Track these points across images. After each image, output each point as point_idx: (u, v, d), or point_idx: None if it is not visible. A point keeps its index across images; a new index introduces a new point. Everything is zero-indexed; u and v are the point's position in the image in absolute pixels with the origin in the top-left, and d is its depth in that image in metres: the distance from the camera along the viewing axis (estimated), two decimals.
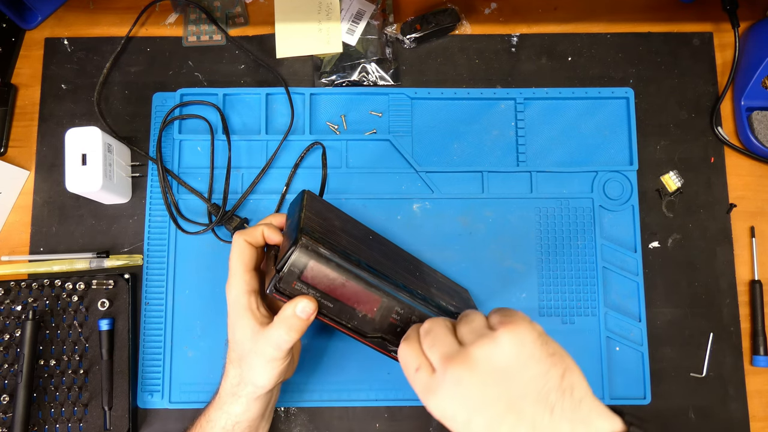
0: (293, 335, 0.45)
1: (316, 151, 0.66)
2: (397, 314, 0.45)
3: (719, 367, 0.64)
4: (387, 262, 0.49)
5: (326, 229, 0.47)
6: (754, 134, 0.67)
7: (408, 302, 0.45)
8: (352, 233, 0.51)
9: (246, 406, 0.49)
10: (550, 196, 0.66)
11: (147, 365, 0.62)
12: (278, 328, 0.45)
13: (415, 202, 0.66)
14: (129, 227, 0.65)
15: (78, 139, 0.59)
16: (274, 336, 0.45)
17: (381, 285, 0.44)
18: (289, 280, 0.43)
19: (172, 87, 0.68)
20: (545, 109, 0.68)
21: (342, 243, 0.46)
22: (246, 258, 0.49)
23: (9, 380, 0.60)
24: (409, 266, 0.54)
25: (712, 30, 0.71)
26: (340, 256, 0.44)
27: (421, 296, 0.46)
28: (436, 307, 0.46)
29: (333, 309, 0.45)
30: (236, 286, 0.48)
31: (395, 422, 0.62)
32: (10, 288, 0.62)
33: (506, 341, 0.36)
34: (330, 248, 0.44)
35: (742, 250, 0.66)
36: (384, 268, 0.47)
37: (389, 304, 0.45)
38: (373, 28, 0.69)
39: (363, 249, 0.48)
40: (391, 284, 0.45)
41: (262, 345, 0.46)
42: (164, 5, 0.71)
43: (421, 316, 0.45)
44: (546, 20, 0.71)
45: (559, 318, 0.64)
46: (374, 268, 0.45)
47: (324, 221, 0.49)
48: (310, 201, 0.51)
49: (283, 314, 0.45)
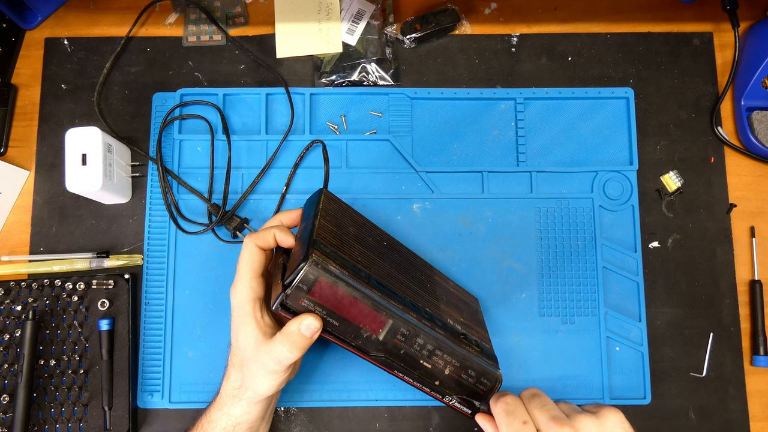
0: (296, 353, 0.45)
1: (316, 150, 0.66)
2: (402, 335, 0.44)
3: (719, 367, 0.64)
4: (399, 275, 0.49)
5: (340, 239, 0.46)
6: (754, 134, 0.67)
7: (414, 323, 0.44)
8: (366, 241, 0.50)
9: (246, 409, 0.50)
10: (550, 196, 0.66)
11: (147, 365, 0.62)
12: (281, 344, 0.45)
13: (415, 202, 0.66)
14: (129, 227, 0.65)
15: (78, 139, 0.59)
16: (276, 351, 0.45)
17: (389, 306, 0.44)
18: (297, 297, 0.42)
19: (172, 87, 0.68)
20: (545, 109, 0.68)
21: (354, 255, 0.46)
22: (255, 263, 0.48)
23: (9, 380, 0.60)
24: (421, 276, 0.53)
25: (712, 30, 0.71)
26: (350, 273, 0.43)
27: (428, 316, 0.46)
28: (442, 328, 0.46)
29: (338, 327, 0.44)
30: (242, 291, 0.48)
31: (395, 422, 0.62)
32: (10, 288, 0.62)
33: (611, 418, 0.44)
34: (341, 264, 0.43)
35: (742, 250, 0.66)
36: (395, 284, 0.46)
37: (395, 325, 0.44)
38: (373, 28, 0.69)
39: (375, 260, 0.48)
40: (400, 304, 0.44)
41: (264, 357, 0.46)
42: (164, 5, 0.71)
43: (426, 338, 0.45)
44: (546, 20, 0.71)
45: (559, 318, 0.64)
46: (385, 285, 0.45)
47: (338, 228, 0.48)
48: (327, 203, 0.50)
49: (287, 330, 0.44)
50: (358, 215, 0.55)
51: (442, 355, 0.46)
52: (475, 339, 0.49)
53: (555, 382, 0.62)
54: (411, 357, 0.46)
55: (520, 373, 0.62)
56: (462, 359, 0.46)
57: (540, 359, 0.63)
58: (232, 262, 0.64)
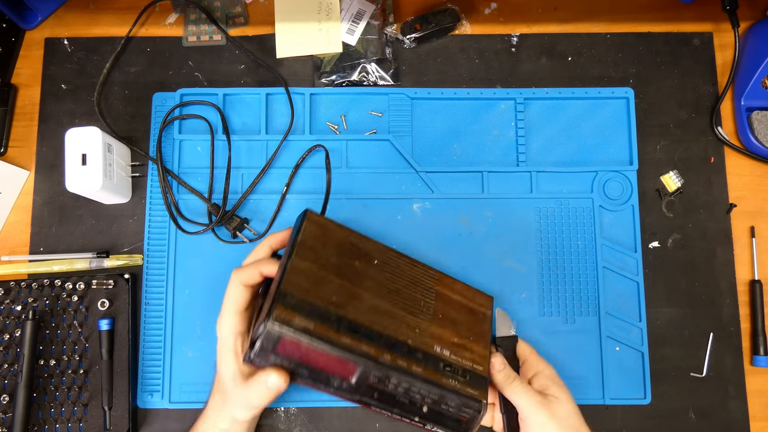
0: (264, 401, 0.48)
1: (317, 152, 0.66)
2: (375, 377, 0.45)
3: (719, 367, 0.64)
4: (382, 303, 0.48)
5: (314, 277, 0.46)
6: (754, 134, 0.67)
7: (387, 365, 0.45)
8: (350, 268, 0.49)
9: (230, 425, 0.52)
10: (550, 196, 0.66)
11: (147, 365, 0.62)
12: (252, 390, 0.48)
13: (415, 202, 0.66)
14: (129, 227, 0.65)
15: (78, 139, 0.59)
16: (248, 395, 0.48)
17: (359, 352, 0.44)
18: (263, 355, 0.44)
19: (172, 87, 0.68)
20: (545, 109, 0.68)
21: (328, 296, 0.45)
22: (238, 300, 0.50)
23: (9, 380, 0.60)
24: (415, 294, 0.52)
25: (712, 30, 0.71)
26: (317, 323, 0.43)
27: (407, 350, 0.46)
28: (422, 362, 0.46)
29: (309, 375, 0.45)
30: (225, 325, 0.50)
31: (395, 422, 0.62)
32: (10, 288, 0.62)
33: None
34: (308, 313, 0.43)
35: (742, 250, 0.66)
36: (374, 317, 0.46)
37: (365, 370, 0.44)
38: (373, 28, 0.69)
39: (355, 293, 0.47)
40: (373, 346, 0.45)
41: (238, 395, 0.49)
42: (164, 5, 0.71)
43: (400, 378, 0.45)
44: (546, 20, 0.71)
45: (559, 318, 0.64)
46: (358, 325, 0.45)
47: (315, 262, 0.47)
48: (309, 230, 0.49)
49: (256, 380, 0.47)
50: (347, 233, 0.52)
51: (418, 391, 0.46)
52: (462, 366, 0.49)
53: None
54: (387, 395, 0.46)
55: None
56: (439, 395, 0.47)
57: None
58: (232, 262, 0.64)
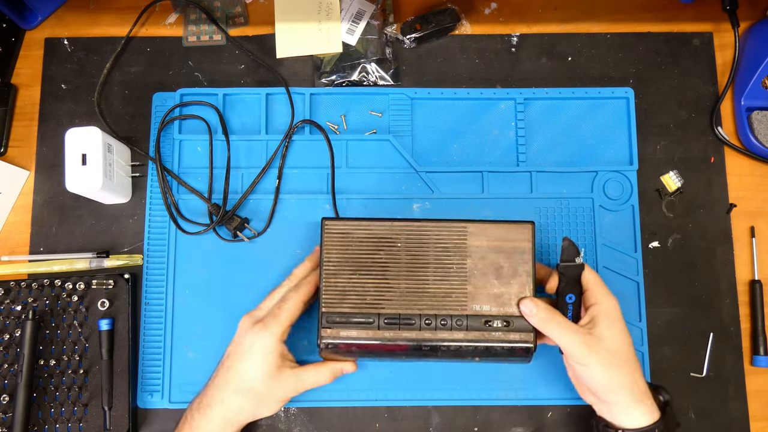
0: (330, 379, 0.58)
1: (316, 149, 0.66)
2: (425, 348, 0.54)
3: (719, 367, 0.64)
4: (413, 287, 0.54)
5: (344, 290, 0.54)
6: (754, 134, 0.67)
7: (430, 339, 0.53)
8: (377, 263, 0.55)
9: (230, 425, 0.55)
10: (550, 196, 0.66)
11: (147, 365, 0.62)
12: (323, 373, 0.57)
13: (415, 202, 0.66)
14: (129, 227, 0.65)
15: (78, 139, 0.59)
16: (309, 377, 0.56)
17: (403, 338, 0.53)
18: (329, 355, 0.56)
19: (172, 87, 0.68)
20: (545, 109, 0.68)
21: (362, 302, 0.53)
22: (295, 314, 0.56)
23: (9, 380, 0.60)
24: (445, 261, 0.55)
25: (712, 30, 0.71)
26: (360, 328, 0.53)
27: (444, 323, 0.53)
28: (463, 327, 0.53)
29: (370, 357, 0.58)
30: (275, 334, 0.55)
31: (395, 422, 0.62)
32: (10, 288, 0.62)
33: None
34: (349, 323, 0.53)
35: (742, 250, 0.66)
36: (409, 303, 0.54)
37: (413, 347, 0.54)
38: (373, 28, 0.69)
39: (387, 284, 0.54)
40: (413, 329, 0.53)
41: (282, 386, 0.55)
42: (164, 5, 0.71)
43: (447, 346, 0.53)
44: (546, 20, 0.71)
45: None
46: (396, 317, 0.53)
47: (344, 271, 0.54)
48: (329, 242, 0.55)
49: (332, 366, 0.57)
50: (365, 225, 0.55)
51: (467, 349, 0.53)
52: (504, 314, 0.54)
53: (555, 382, 0.62)
54: (441, 354, 0.54)
55: (521, 373, 0.62)
56: (485, 348, 0.53)
57: (540, 359, 0.62)
58: (232, 262, 0.64)
